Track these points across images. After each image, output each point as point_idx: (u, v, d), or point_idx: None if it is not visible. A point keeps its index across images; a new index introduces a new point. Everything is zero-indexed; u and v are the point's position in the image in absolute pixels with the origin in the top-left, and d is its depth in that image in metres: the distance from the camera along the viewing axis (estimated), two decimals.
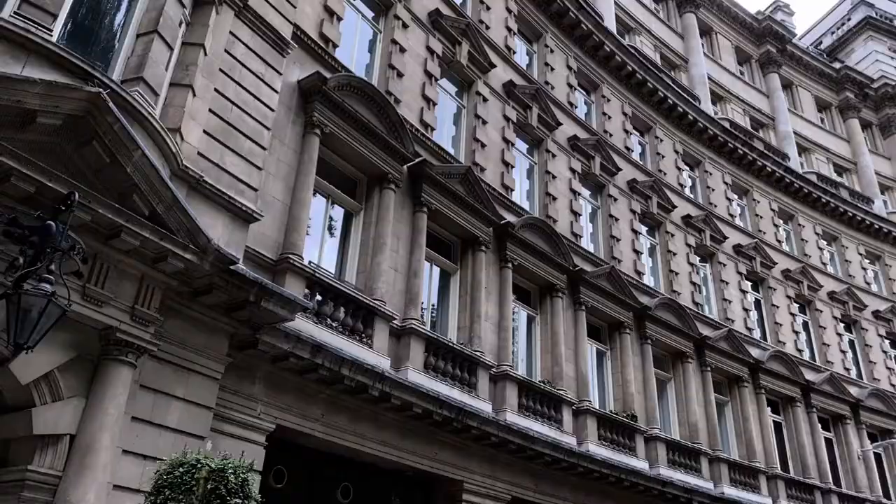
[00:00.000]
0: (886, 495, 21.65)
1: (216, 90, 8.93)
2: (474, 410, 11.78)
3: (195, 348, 7.94)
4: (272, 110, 9.87)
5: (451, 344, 12.49)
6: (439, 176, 13.12)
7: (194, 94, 8.47)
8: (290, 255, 9.97)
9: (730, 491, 16.97)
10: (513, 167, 16.09)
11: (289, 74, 10.98)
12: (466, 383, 12.35)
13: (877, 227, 27.65)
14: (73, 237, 6.12)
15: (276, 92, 10.00)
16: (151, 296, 7.39)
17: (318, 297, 10.30)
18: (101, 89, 6.52)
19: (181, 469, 5.07)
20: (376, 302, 11.06)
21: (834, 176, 29.26)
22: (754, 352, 20.13)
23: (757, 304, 22.41)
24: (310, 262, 10.60)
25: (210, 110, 8.78)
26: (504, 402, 12.92)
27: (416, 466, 11.25)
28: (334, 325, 10.30)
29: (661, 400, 17.55)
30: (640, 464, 15.15)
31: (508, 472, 12.57)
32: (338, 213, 12.26)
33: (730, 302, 20.95)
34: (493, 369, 13.17)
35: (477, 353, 12.79)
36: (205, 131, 8.62)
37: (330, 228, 12.21)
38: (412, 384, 10.81)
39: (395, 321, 11.47)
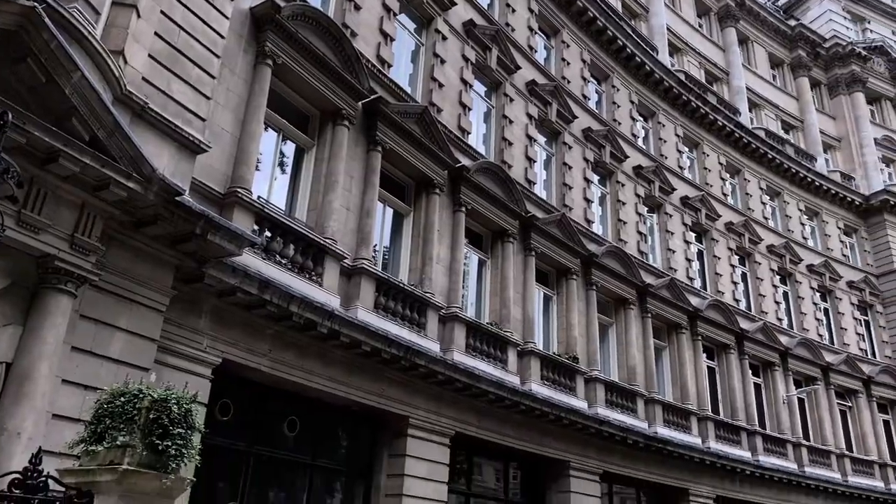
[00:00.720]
0: (806, 437, 23.05)
1: (162, 12, 8.51)
2: (422, 350, 11.96)
3: (139, 279, 7.79)
4: (222, 37, 9.48)
5: (402, 285, 12.56)
6: (395, 115, 12.91)
7: (139, 16, 8.05)
8: (239, 189, 9.76)
9: (663, 431, 17.80)
10: (470, 110, 15.95)
11: (241, 0, 10.53)
12: (416, 323, 12.49)
13: (817, 184, 28.57)
14: (6, 159, 5.83)
15: (226, 18, 9.59)
16: (92, 224, 7.16)
17: (268, 234, 10.18)
18: (35, 3, 6.13)
19: (122, 399, 5.00)
20: (327, 240, 10.98)
21: (781, 133, 29.94)
22: (694, 300, 20.85)
23: (699, 254, 23.10)
24: (259, 198, 10.43)
25: (156, 34, 8.38)
26: (452, 343, 13.14)
27: (363, 402, 11.42)
28: (283, 261, 10.22)
29: (602, 344, 18.12)
30: (580, 403, 15.71)
31: (453, 409, 12.89)
32: (289, 148, 12.01)
33: (673, 252, 21.53)
34: (443, 311, 13.33)
35: (427, 295, 12.90)
36: (150, 56, 8.25)
37: (281, 164, 11.98)
38: (362, 323, 10.88)
39: (346, 260, 11.44)
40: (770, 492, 20.68)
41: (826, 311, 26.81)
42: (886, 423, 26.39)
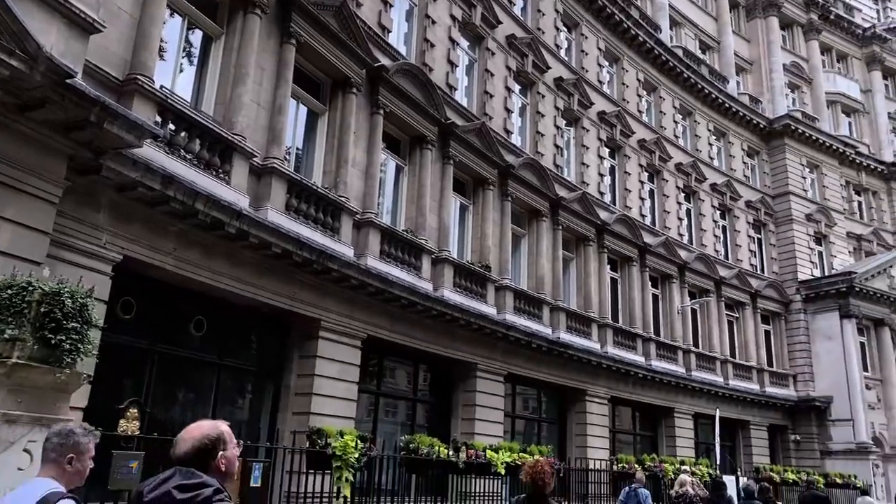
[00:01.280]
0: (695, 344, 24.84)
1: None
2: (335, 254, 11.88)
3: (27, 167, 7.22)
4: None
5: (315, 187, 12.28)
6: (311, 5, 12.22)
7: None
8: (139, 77, 9.09)
9: (565, 336, 18.71)
10: (391, 6, 15.29)
11: None
12: (329, 227, 12.33)
13: (727, 105, 29.51)
14: None
15: None
16: None
17: (171, 126, 9.61)
18: None
19: (9, 291, 4.75)
20: (235, 136, 10.50)
21: (699, 53, 30.47)
22: (603, 214, 21.54)
23: (611, 170, 23.69)
24: (162, 87, 9.76)
25: None
26: (366, 248, 13.11)
27: (274, 304, 11.34)
28: (188, 157, 9.73)
29: (514, 253, 18.58)
30: (490, 310, 16.21)
31: (366, 313, 13.01)
32: (196, 37, 11.23)
33: (587, 166, 21.98)
34: (358, 216, 13.20)
35: (342, 199, 12.70)
36: None
37: (188, 54, 11.21)
38: (272, 224, 10.63)
39: (255, 159, 11.03)
40: (660, 393, 22.34)
41: (724, 229, 28.34)
42: (767, 333, 28.74)
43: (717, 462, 20.49)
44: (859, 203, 34.38)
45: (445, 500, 11.46)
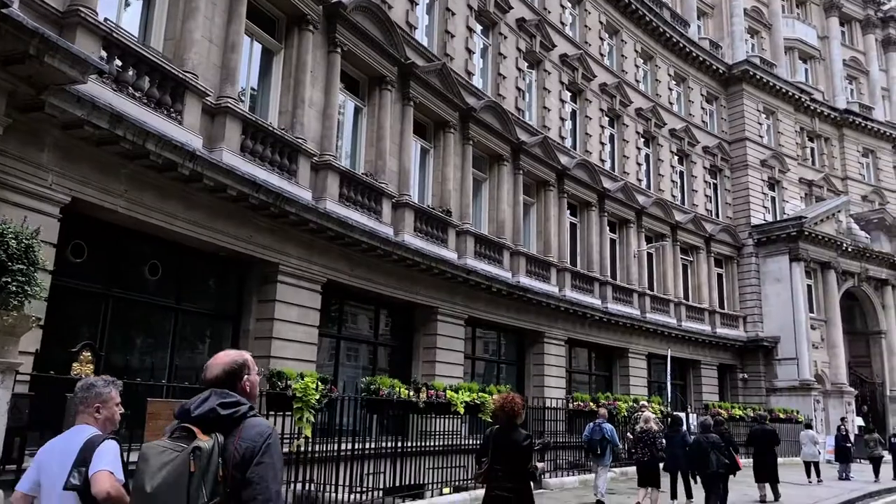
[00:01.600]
0: (651, 287, 25.43)
1: None
2: (293, 197, 11.69)
3: None
4: None
5: (271, 128, 11.97)
6: None
7: None
8: (82, 9, 8.62)
9: (525, 280, 18.95)
10: None
11: None
12: (286, 170, 12.09)
13: (688, 50, 29.51)
14: None
15: None
16: None
17: (118, 62, 9.20)
18: None
19: None
20: (187, 74, 10.11)
21: None
22: (563, 159, 21.57)
23: (573, 114, 23.64)
24: (106, 20, 9.28)
25: None
26: (325, 191, 12.93)
27: (231, 248, 11.16)
28: (137, 95, 9.36)
29: (475, 198, 18.57)
30: (450, 254, 16.26)
31: (325, 257, 12.92)
32: None
33: (549, 110, 21.88)
34: (316, 158, 12.96)
35: (299, 140, 12.43)
36: None
37: None
38: (227, 166, 10.37)
39: (208, 98, 10.67)
40: (615, 334, 22.93)
41: (681, 174, 28.71)
42: (720, 276, 29.56)
43: (669, 399, 21.30)
44: (812, 149, 35.12)
45: (406, 439, 11.68)
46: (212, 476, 2.33)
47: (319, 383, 9.04)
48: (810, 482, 17.66)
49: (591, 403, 18.04)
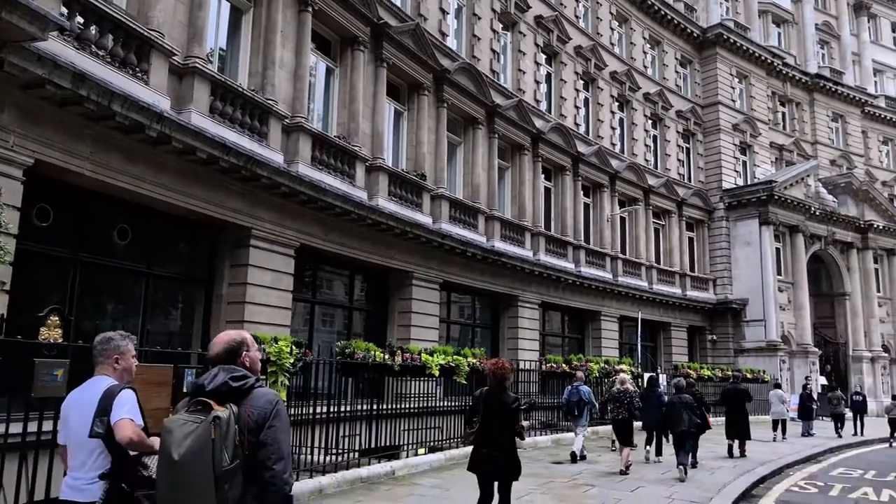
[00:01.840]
0: (623, 251, 25.70)
1: None
2: (264, 160, 11.52)
3: None
4: None
5: (240, 89, 11.72)
6: None
7: None
8: None
9: (499, 244, 19.01)
10: None
11: None
12: (257, 132, 11.89)
13: (663, 13, 29.38)
14: None
15: None
16: None
17: (79, 19, 8.88)
18: None
19: None
20: (152, 32, 9.81)
21: None
22: (538, 123, 21.50)
23: (548, 77, 23.50)
24: None
25: None
26: (297, 154, 12.76)
27: (202, 212, 11.00)
28: (101, 53, 9.06)
29: (450, 162, 18.47)
30: (425, 219, 16.22)
31: (298, 221, 12.81)
32: None
33: (524, 73, 21.72)
34: (287, 120, 12.75)
35: (269, 102, 12.20)
36: None
37: None
38: (196, 128, 10.16)
39: (175, 58, 10.39)
40: (588, 298, 23.21)
41: (655, 138, 28.83)
42: (691, 239, 29.95)
43: (639, 361, 21.71)
44: (783, 114, 35.43)
45: (382, 401, 11.76)
46: (231, 441, 2.61)
47: (294, 347, 9.02)
48: (775, 439, 18.24)
49: (564, 365, 18.32)
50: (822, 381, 28.48)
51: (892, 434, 19.50)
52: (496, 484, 6.19)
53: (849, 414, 21.74)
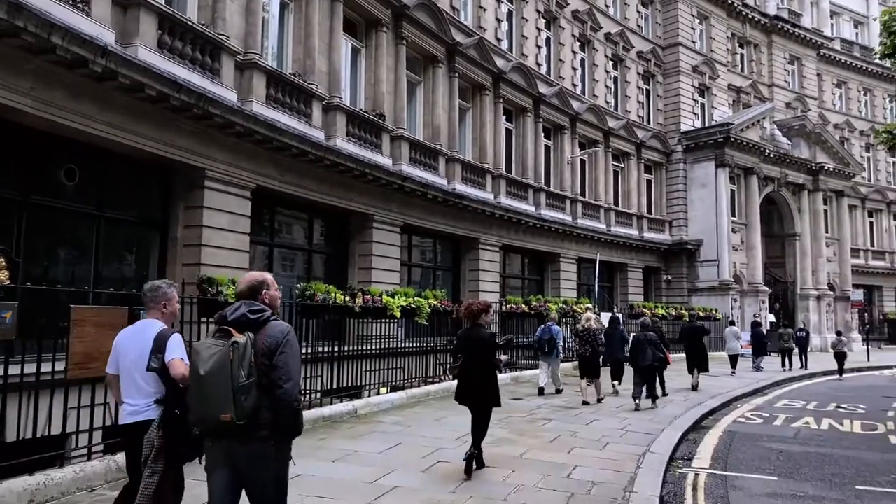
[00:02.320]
0: (583, 193, 25.90)
1: None
2: (217, 98, 11.16)
3: None
4: None
5: (190, 23, 11.22)
6: None
7: None
8: None
9: (460, 187, 18.94)
10: None
11: None
12: (209, 69, 11.45)
13: None
14: None
15: None
16: None
17: None
18: None
19: None
20: None
21: None
22: (499, 62, 21.20)
23: (509, 15, 23.06)
24: None
25: None
26: (251, 92, 12.37)
27: (153, 152, 10.65)
28: None
29: (409, 102, 18.17)
30: (385, 160, 16.01)
31: (253, 162, 12.51)
32: None
33: (484, 10, 21.27)
34: (240, 56, 12.31)
35: (221, 37, 11.73)
36: None
37: None
38: (143, 63, 9.74)
39: None
40: (548, 240, 23.44)
41: (615, 80, 28.74)
42: (649, 181, 30.30)
43: (596, 301, 22.16)
44: (741, 56, 35.58)
45: (343, 343, 11.79)
46: (247, 362, 3.18)
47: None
48: (733, 373, 19.09)
49: (524, 306, 18.63)
50: (771, 318, 29.57)
51: (838, 367, 20.47)
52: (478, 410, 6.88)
53: (796, 349, 22.69)
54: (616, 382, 13.88)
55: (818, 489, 6.93)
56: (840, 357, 20.46)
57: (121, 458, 6.06)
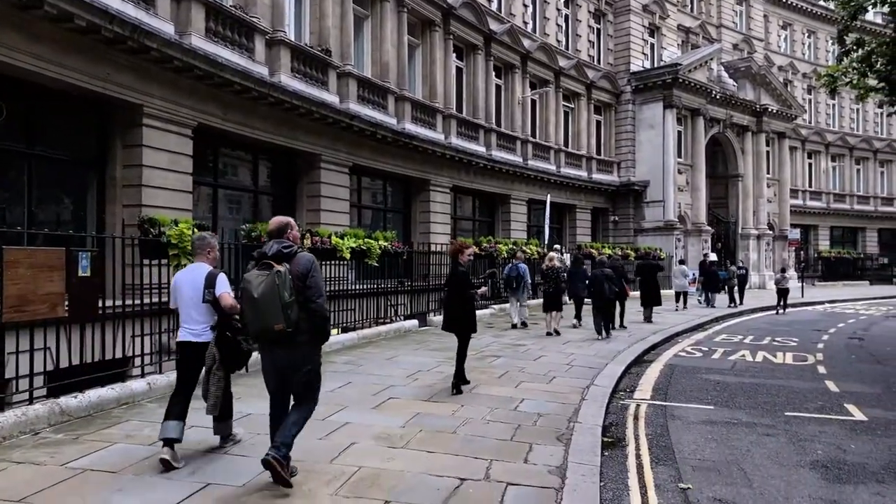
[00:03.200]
0: (533, 134, 25.88)
1: None
2: (153, 30, 10.64)
3: None
4: None
5: None
6: None
7: None
8: None
9: (410, 127, 18.67)
10: None
11: None
12: None
13: None
14: None
15: None
16: None
17: None
18: None
19: None
20: None
21: None
22: None
23: None
24: None
25: None
26: (189, 25, 11.81)
27: (87, 87, 10.14)
28: None
29: (357, 38, 17.64)
30: (332, 98, 15.62)
31: (193, 99, 12.05)
32: None
33: None
34: None
35: None
36: None
37: None
38: None
39: None
40: (498, 182, 23.47)
41: (566, 18, 28.41)
42: (598, 123, 30.43)
43: (546, 241, 22.45)
44: None
45: None
46: (288, 285, 4.22)
47: (195, 230, 8.70)
48: (677, 309, 19.78)
49: (475, 247, 18.71)
50: (713, 257, 30.47)
51: (778, 302, 21.52)
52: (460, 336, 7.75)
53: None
54: (577, 319, 15.00)
55: (751, 416, 7.30)
56: (783, 292, 21.52)
57: (63, 400, 6.10)
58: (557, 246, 19.84)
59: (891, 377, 9.99)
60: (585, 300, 14.86)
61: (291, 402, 4.55)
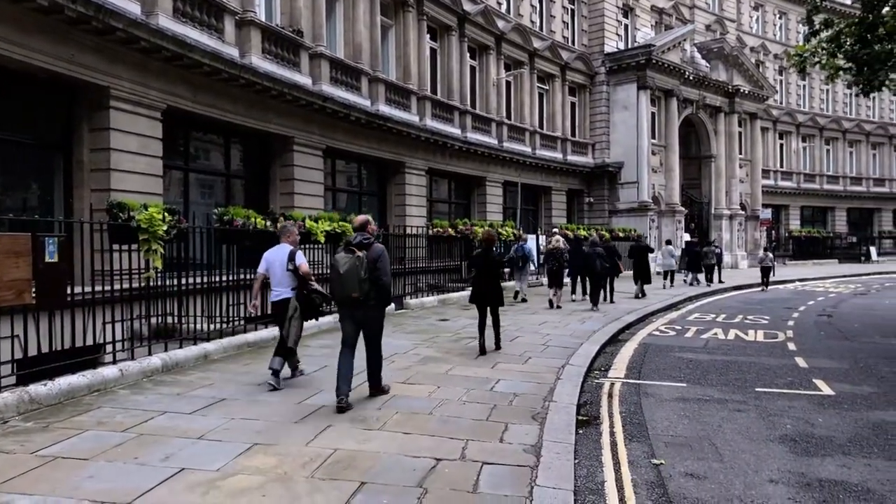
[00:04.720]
0: (508, 116, 25.84)
1: None
2: (119, 10, 10.41)
3: None
4: None
5: None
6: None
7: None
8: None
9: (384, 108, 18.53)
10: None
11: None
12: None
13: None
14: None
15: None
16: None
17: None
18: None
19: None
20: None
21: None
22: None
23: None
24: None
25: None
26: (156, 5, 11.57)
27: (51, 69, 9.90)
28: None
29: (329, 18, 17.40)
30: (304, 79, 15.42)
31: (162, 81, 11.82)
32: None
33: None
34: None
35: None
36: None
37: None
38: None
39: None
40: (474, 164, 23.43)
41: None
42: (573, 104, 30.48)
43: (520, 224, 22.51)
44: None
45: None
46: (365, 266, 5.94)
47: (166, 214, 8.55)
48: (665, 287, 20.29)
49: (450, 230, 18.72)
50: (687, 237, 30.85)
51: (763, 280, 22.65)
52: (488, 308, 9.24)
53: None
54: (574, 295, 17.25)
55: (722, 393, 7.42)
56: (766, 271, 22.56)
57: (33, 388, 6.04)
58: (556, 230, 21.18)
59: (858, 353, 10.22)
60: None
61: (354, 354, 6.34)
